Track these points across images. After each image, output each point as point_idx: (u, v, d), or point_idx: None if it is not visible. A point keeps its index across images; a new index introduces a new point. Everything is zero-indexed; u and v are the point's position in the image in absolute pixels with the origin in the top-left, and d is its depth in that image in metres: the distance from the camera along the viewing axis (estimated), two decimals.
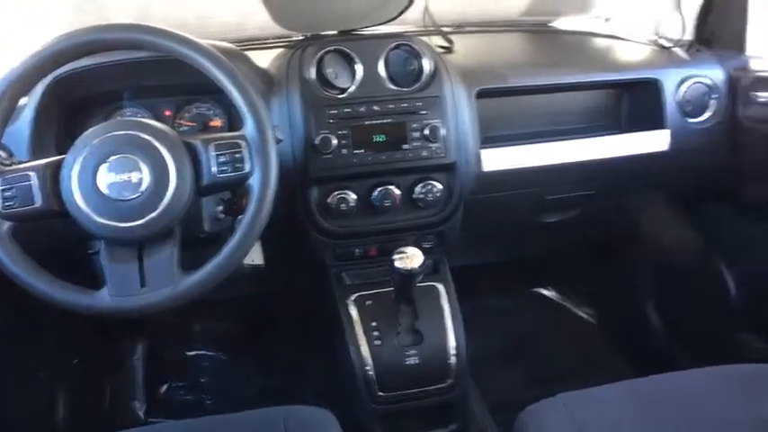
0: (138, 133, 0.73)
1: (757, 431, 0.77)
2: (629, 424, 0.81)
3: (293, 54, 1.03)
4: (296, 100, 0.98)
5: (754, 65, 1.19)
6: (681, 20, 1.27)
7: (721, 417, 0.80)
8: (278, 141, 0.81)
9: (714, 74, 1.18)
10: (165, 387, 1.51)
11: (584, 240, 1.55)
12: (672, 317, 1.48)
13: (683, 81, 1.16)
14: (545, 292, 1.82)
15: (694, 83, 1.17)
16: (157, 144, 0.73)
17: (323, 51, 1.00)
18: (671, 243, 1.46)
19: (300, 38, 1.13)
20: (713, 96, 1.17)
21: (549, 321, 1.74)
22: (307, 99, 0.98)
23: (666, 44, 1.29)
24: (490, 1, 1.41)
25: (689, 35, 1.28)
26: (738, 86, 1.18)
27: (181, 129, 1.04)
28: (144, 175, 0.72)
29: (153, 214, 0.72)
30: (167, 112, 1.05)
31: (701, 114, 1.18)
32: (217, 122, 1.06)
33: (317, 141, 0.97)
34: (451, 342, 1.04)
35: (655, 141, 1.15)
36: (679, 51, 1.26)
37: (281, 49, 1.11)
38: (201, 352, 1.57)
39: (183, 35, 0.76)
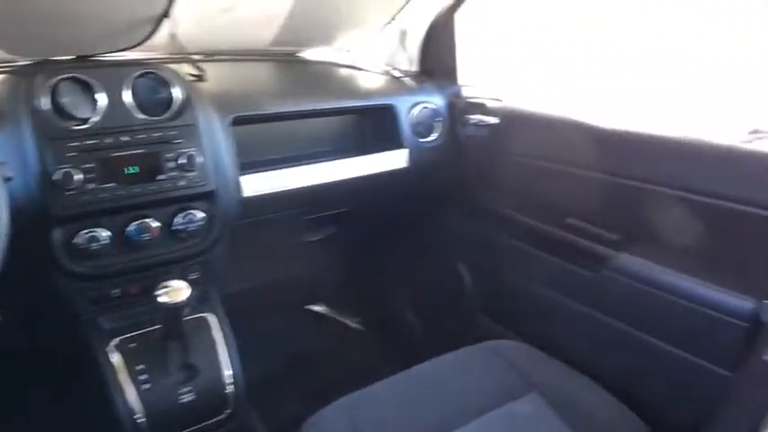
0: None
1: (494, 396, 0.94)
2: (397, 411, 0.93)
3: (20, 82, 0.93)
4: (27, 133, 0.89)
5: (466, 92, 1.44)
6: (406, 55, 1.47)
7: (468, 389, 0.97)
8: (7, 180, 0.72)
9: (437, 100, 1.40)
10: None
11: (346, 255, 1.67)
12: (425, 312, 1.69)
13: (413, 106, 1.35)
14: (316, 308, 1.90)
15: (423, 108, 1.36)
16: None
17: (57, 79, 0.92)
18: (418, 248, 1.66)
19: (27, 62, 1.01)
20: (437, 119, 1.39)
21: (322, 336, 1.83)
22: (40, 131, 0.89)
23: (398, 74, 1.49)
24: (240, 30, 1.43)
25: (415, 67, 1.49)
26: (455, 110, 1.41)
27: None
28: None
29: None
30: None
31: (429, 135, 1.38)
32: None
33: (56, 177, 0.88)
34: (227, 371, 1.03)
35: (395, 160, 1.32)
36: (408, 81, 1.46)
37: (4, 76, 0.98)
38: None
39: None
